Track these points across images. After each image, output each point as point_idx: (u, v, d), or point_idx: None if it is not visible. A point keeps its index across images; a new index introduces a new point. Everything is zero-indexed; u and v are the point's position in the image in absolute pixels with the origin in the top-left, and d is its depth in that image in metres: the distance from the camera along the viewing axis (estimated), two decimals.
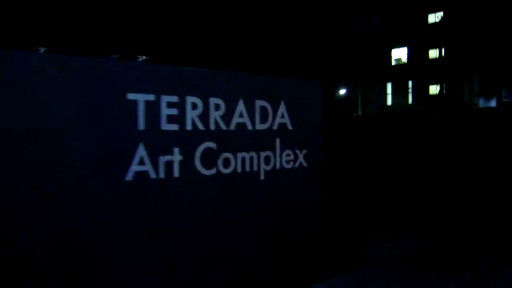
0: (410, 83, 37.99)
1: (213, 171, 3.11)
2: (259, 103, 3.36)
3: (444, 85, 32.05)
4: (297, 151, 3.61)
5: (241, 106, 3.26)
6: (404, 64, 38.55)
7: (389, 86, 39.69)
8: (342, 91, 40.03)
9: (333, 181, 11.59)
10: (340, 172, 12.99)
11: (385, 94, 39.89)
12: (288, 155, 3.55)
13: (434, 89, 35.79)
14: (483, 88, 32.39)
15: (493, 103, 31.79)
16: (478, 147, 10.36)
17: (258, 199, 3.36)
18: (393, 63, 39.35)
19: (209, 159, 3.08)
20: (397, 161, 12.72)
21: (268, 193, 3.41)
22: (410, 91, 38.09)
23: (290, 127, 3.56)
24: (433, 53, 35.55)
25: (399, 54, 38.86)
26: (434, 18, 35.09)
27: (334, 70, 35.44)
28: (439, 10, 34.28)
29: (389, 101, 39.66)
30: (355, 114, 34.33)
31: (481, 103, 32.69)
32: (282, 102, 3.51)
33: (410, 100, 38.01)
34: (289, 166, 3.56)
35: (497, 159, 9.26)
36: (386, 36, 38.27)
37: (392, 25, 37.85)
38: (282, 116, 3.51)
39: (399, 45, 38.37)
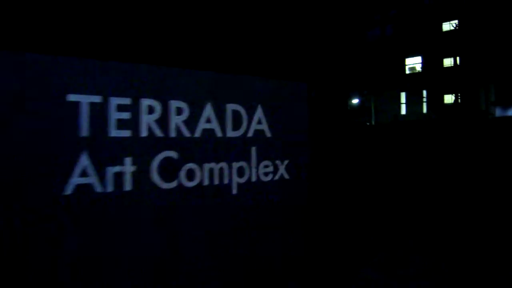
0: (424, 92, 37.29)
1: (174, 184, 2.70)
2: (230, 107, 2.95)
3: (459, 94, 31.32)
4: (277, 162, 3.19)
5: (208, 110, 2.85)
6: (418, 73, 37.89)
7: (403, 96, 39.02)
8: (355, 101, 39.46)
9: (343, 192, 11.11)
10: (351, 183, 12.50)
11: (399, 103, 39.22)
12: (266, 166, 3.12)
13: (449, 98, 35.04)
14: (499, 97, 31.58)
15: (510, 112, 30.94)
16: (495, 156, 9.86)
17: (229, 217, 2.93)
18: (407, 72, 38.71)
19: (169, 170, 2.68)
20: (411, 172, 12.26)
21: (241, 209, 2.98)
22: (424, 100, 37.38)
23: (268, 135, 3.13)
24: (448, 62, 34.86)
25: (413, 63, 38.23)
26: (448, 26, 34.44)
27: (346, 79, 34.97)
28: (453, 18, 33.64)
29: (403, 111, 38.97)
30: (368, 124, 33.74)
31: (498, 112, 31.85)
32: (259, 106, 3.09)
33: (424, 110, 37.28)
34: (268, 178, 3.13)
35: None
36: (399, 44, 37.70)
37: (405, 34, 37.29)
38: (259, 122, 3.09)
39: (413, 54, 37.76)
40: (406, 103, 38.90)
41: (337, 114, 35.37)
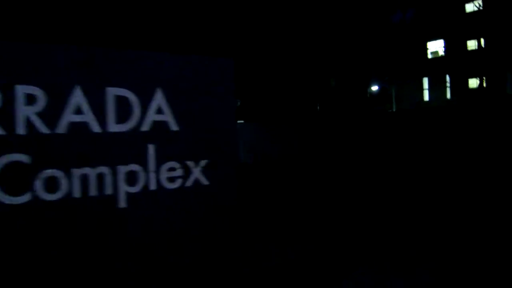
0: (447, 77, 35.73)
1: (26, 198, 1.98)
2: (113, 91, 2.20)
3: (484, 77, 29.79)
4: (189, 163, 2.42)
5: (77, 97, 2.11)
6: (441, 57, 36.31)
7: (425, 81, 37.51)
8: (375, 88, 38.14)
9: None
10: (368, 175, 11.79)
11: (422, 89, 37.75)
12: (171, 169, 2.36)
13: (473, 83, 33.44)
14: None
15: None
16: None
17: (112, 240, 2.19)
18: (429, 56, 37.15)
19: (17, 179, 1.96)
20: (433, 162, 11.55)
21: (134, 229, 2.24)
22: (448, 86, 35.82)
23: (174, 127, 2.37)
24: (472, 44, 33.20)
25: (435, 47, 36.63)
26: (472, 7, 32.77)
27: (364, 65, 33.78)
28: None
29: (426, 97, 37.49)
30: (388, 111, 32.50)
31: None
32: (159, 91, 2.33)
33: (448, 95, 35.75)
34: (174, 185, 2.37)
35: None
36: (421, 28, 36.17)
37: (427, 17, 35.75)
38: (159, 111, 2.33)
39: (435, 37, 36.18)
40: (429, 89, 37.42)
41: (356, 102, 34.22)
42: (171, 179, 2.36)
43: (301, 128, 16.82)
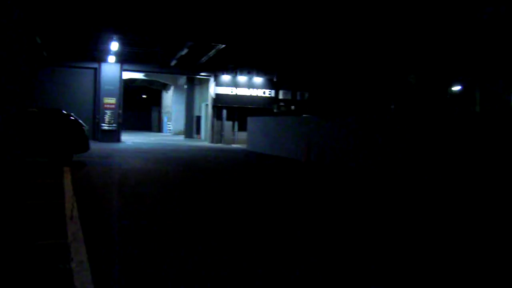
0: None
1: None
2: None
3: None
4: None
5: None
6: None
7: None
8: (457, 88, 36.08)
9: None
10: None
11: (510, 90, 35.13)
12: None
13: None
14: None
15: None
16: None
17: None
18: None
19: None
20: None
21: None
22: None
23: None
24: None
25: None
26: None
27: (447, 64, 32.02)
28: None
29: None
30: (472, 112, 30.63)
31: None
32: None
33: None
34: None
35: None
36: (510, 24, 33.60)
37: None
38: None
39: None
40: None
41: (436, 102, 32.55)
42: None
43: (370, 126, 16.13)
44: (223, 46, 26.02)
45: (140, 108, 61.68)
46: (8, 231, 6.37)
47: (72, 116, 15.83)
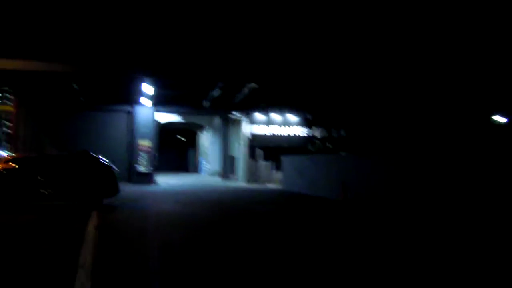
0: None
1: None
2: None
3: None
4: None
5: None
6: None
7: None
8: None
9: None
10: None
11: None
12: None
13: None
14: None
15: None
16: None
17: None
18: None
19: None
20: None
21: None
22: None
23: None
24: None
25: None
26: None
27: None
28: None
29: None
30: None
31: None
32: None
33: None
34: None
35: None
36: None
37: None
38: None
39: None
40: None
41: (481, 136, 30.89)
42: None
43: (409, 165, 15.26)
44: (255, 85, 25.85)
45: (176, 149, 62.20)
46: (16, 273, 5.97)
47: (102, 159, 15.66)
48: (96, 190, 14.77)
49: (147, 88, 25.62)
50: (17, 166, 14.26)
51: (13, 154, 19.97)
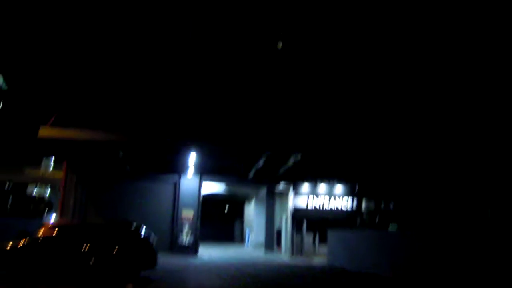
0: None
1: None
2: None
3: None
4: None
5: None
6: None
7: None
8: None
9: None
10: None
11: None
12: None
13: None
14: None
15: None
16: None
17: None
18: None
19: None
20: None
21: None
22: None
23: None
24: None
25: None
26: None
27: None
28: None
29: None
30: None
31: None
32: None
33: None
34: None
35: None
36: None
37: None
38: None
39: None
40: None
41: None
42: None
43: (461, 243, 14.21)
44: (301, 156, 25.46)
45: (222, 220, 61.58)
46: None
47: (142, 228, 15.34)
48: (133, 262, 14.34)
49: (192, 158, 25.72)
50: (57, 234, 14.16)
51: (57, 221, 20.11)
